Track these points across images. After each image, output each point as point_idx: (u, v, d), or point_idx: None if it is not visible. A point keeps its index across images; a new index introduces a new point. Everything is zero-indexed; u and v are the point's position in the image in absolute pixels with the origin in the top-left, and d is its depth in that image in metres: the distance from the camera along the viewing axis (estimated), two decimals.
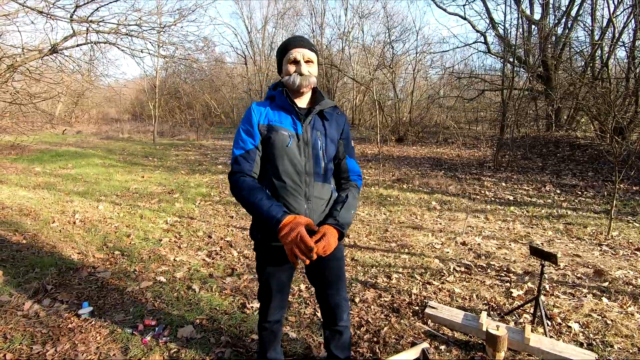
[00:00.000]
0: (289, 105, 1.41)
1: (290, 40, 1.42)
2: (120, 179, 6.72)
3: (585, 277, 2.93)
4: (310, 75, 1.39)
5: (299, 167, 1.38)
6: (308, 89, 1.41)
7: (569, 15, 11.08)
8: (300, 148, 1.38)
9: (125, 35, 5.22)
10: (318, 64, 1.47)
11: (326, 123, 1.45)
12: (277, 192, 1.37)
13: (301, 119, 1.41)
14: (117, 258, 3.16)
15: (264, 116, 1.41)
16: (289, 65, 1.39)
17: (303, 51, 1.38)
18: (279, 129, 1.38)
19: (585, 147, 8.54)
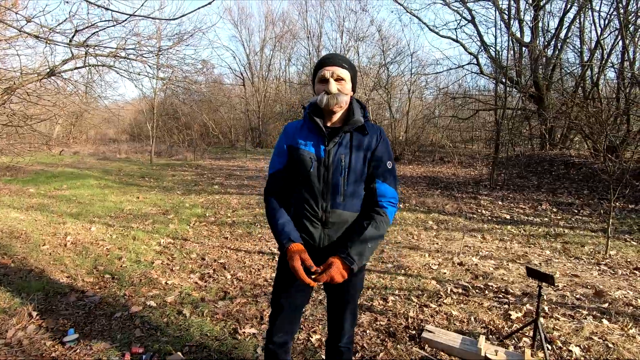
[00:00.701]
0: (315, 126, 1.38)
1: (322, 58, 1.39)
2: (114, 200, 6.67)
3: (584, 297, 2.88)
4: (340, 93, 1.34)
5: (316, 192, 1.36)
6: (338, 107, 1.35)
7: (558, 37, 11.42)
8: (320, 172, 1.35)
9: (123, 58, 5.30)
10: (354, 81, 1.41)
11: (354, 144, 1.37)
12: (298, 214, 1.39)
13: (325, 141, 1.36)
14: (107, 282, 3.08)
15: (293, 137, 1.41)
16: (318, 84, 1.38)
17: (333, 69, 1.34)
18: (303, 151, 1.37)
19: (580, 165, 8.60)
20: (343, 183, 1.36)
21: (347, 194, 1.37)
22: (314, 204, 1.37)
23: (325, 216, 1.37)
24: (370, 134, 1.41)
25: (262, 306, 2.71)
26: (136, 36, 5.37)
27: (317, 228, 1.37)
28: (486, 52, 12.43)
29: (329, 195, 1.36)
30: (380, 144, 1.41)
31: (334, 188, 1.36)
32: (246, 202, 6.75)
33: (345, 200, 1.37)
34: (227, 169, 12.13)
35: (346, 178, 1.36)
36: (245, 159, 15.15)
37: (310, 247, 1.39)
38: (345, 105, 1.38)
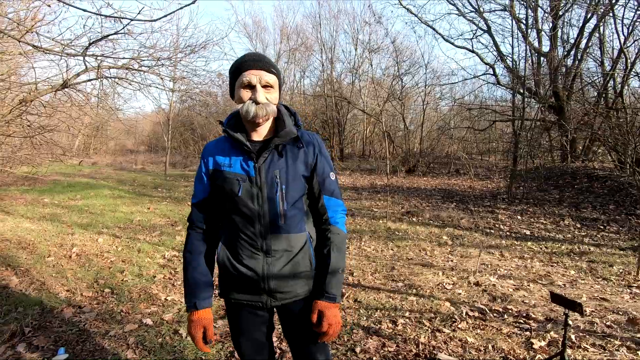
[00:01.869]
0: (238, 143, 1.17)
1: (244, 59, 1.16)
2: (125, 211, 6.69)
3: (616, 325, 2.61)
4: (269, 103, 1.14)
5: (252, 217, 1.16)
6: (265, 119, 1.15)
7: (578, 47, 11.09)
8: (252, 194, 1.15)
9: (135, 70, 5.35)
10: (281, 87, 1.23)
11: (289, 158, 1.18)
12: (233, 246, 1.19)
13: (253, 157, 1.16)
14: (106, 296, 3.00)
15: (213, 159, 1.21)
16: (242, 91, 1.15)
17: (260, 74, 1.13)
18: (227, 173, 1.17)
19: (605, 178, 8.19)
20: (282, 202, 1.16)
21: (289, 215, 1.17)
22: (249, 232, 1.17)
23: (266, 244, 1.17)
24: (307, 145, 1.22)
25: None
26: (151, 48, 5.43)
27: (259, 259, 1.17)
28: (503, 62, 12.19)
29: (267, 218, 1.16)
30: (319, 156, 1.23)
31: (271, 209, 1.16)
32: None
33: (287, 221, 1.17)
34: None
35: (284, 196, 1.16)
36: None
37: (254, 282, 1.18)
38: (273, 115, 1.18)
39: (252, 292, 1.19)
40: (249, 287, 1.19)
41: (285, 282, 1.19)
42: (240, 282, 1.19)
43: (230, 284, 1.22)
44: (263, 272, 1.17)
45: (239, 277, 1.18)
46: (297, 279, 1.20)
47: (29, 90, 5.30)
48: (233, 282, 1.21)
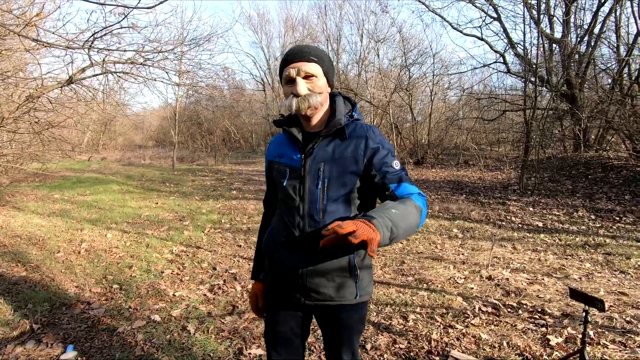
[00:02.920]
0: (291, 135, 1.18)
1: (285, 54, 1.15)
2: (134, 206, 6.71)
3: (636, 321, 2.52)
4: (311, 93, 1.10)
5: (293, 209, 1.15)
6: (312, 110, 1.12)
7: (592, 33, 10.74)
8: (295, 185, 1.14)
9: (140, 64, 5.31)
10: (330, 75, 1.16)
11: (335, 151, 1.13)
12: (275, 236, 1.23)
13: (301, 149, 1.16)
14: (115, 292, 2.99)
15: (271, 152, 1.27)
16: (285, 87, 1.15)
17: (298, 65, 1.10)
18: (277, 164, 1.21)
19: (620, 168, 7.97)
20: (322, 196, 1.11)
21: (328, 210, 1.11)
22: (290, 223, 1.16)
23: (302, 237, 1.14)
24: (354, 138, 1.14)
25: None
26: (152, 42, 5.37)
27: (295, 252, 1.15)
28: (513, 50, 11.88)
29: (306, 211, 1.13)
30: (372, 148, 1.13)
31: (311, 202, 1.13)
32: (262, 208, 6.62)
33: (326, 217, 1.11)
34: (246, 174, 12.13)
35: (325, 190, 1.11)
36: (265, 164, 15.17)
37: (289, 275, 1.17)
38: (322, 105, 1.15)
39: (288, 286, 1.19)
40: (285, 281, 1.19)
41: (319, 282, 1.14)
42: (278, 274, 1.21)
43: (270, 273, 1.25)
44: (298, 267, 1.15)
45: (276, 269, 1.21)
46: (331, 281, 1.14)
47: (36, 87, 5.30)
48: (272, 272, 1.24)
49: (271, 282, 1.24)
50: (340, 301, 1.15)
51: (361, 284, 1.16)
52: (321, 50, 1.17)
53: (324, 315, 1.21)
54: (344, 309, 1.17)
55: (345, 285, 1.14)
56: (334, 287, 1.14)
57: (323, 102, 1.15)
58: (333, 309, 1.17)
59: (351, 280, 1.14)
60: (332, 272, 1.13)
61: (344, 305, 1.16)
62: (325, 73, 1.15)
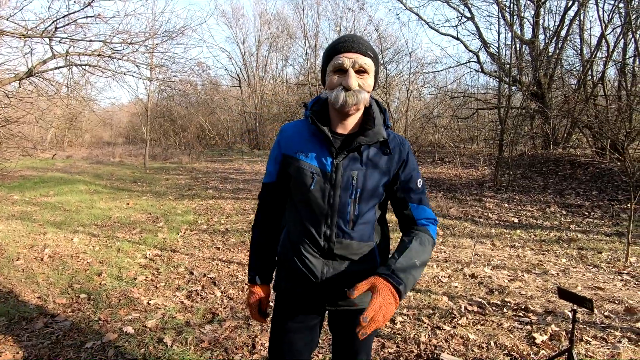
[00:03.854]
0: (320, 132, 1.06)
1: (339, 41, 1.04)
2: (103, 207, 6.35)
3: (614, 315, 2.59)
4: (362, 90, 1.02)
5: (318, 216, 1.07)
6: (356, 109, 1.03)
7: (559, 35, 11.19)
8: (324, 192, 1.05)
9: (108, 57, 4.99)
10: (377, 75, 1.09)
11: (371, 162, 1.07)
12: (295, 241, 1.12)
13: (333, 152, 1.05)
14: (82, 303, 2.77)
15: (291, 143, 1.12)
16: (332, 76, 1.03)
17: (354, 57, 1.00)
18: (302, 163, 1.08)
19: (587, 165, 8.34)
20: (353, 207, 1.06)
21: (357, 221, 1.07)
22: (314, 231, 1.07)
23: (328, 246, 1.08)
24: (393, 151, 1.09)
25: (254, 331, 2.40)
26: (121, 34, 5.06)
27: (319, 260, 1.09)
28: (486, 50, 12.19)
29: (334, 220, 1.06)
30: (407, 162, 1.11)
31: (341, 212, 1.06)
32: (241, 208, 6.44)
33: (355, 228, 1.07)
34: (223, 172, 11.82)
35: (357, 201, 1.06)
36: (242, 162, 14.85)
37: (309, 282, 1.11)
38: (365, 104, 1.06)
39: (307, 292, 1.12)
40: (304, 287, 1.12)
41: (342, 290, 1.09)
42: (297, 279, 1.12)
43: (286, 278, 1.16)
44: (321, 275, 1.09)
45: (296, 274, 1.12)
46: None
47: None
48: (289, 277, 1.15)
49: (287, 287, 1.16)
50: (363, 305, 1.12)
51: None
52: (374, 48, 1.08)
53: (342, 320, 1.17)
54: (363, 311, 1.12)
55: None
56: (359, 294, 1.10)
57: (367, 102, 1.06)
58: (353, 313, 1.15)
59: None
60: (356, 277, 1.07)
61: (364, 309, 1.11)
62: (376, 73, 1.08)
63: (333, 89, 1.03)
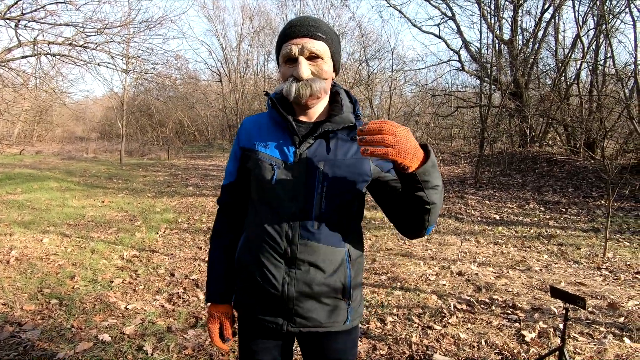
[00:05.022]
0: (282, 119, 0.96)
1: (286, 27, 0.93)
2: (76, 205, 6.04)
3: (597, 311, 2.64)
4: (316, 78, 0.91)
5: (281, 214, 0.93)
6: (313, 99, 0.93)
7: (536, 37, 11.49)
8: (287, 185, 0.93)
9: (80, 47, 4.71)
10: (337, 57, 0.96)
11: (339, 150, 0.94)
12: (253, 246, 0.97)
13: (296, 141, 0.94)
14: (53, 309, 2.58)
15: (247, 136, 1.00)
16: (283, 67, 0.94)
17: (302, 42, 0.89)
18: (260, 155, 0.95)
19: (563, 162, 8.61)
20: (319, 201, 0.92)
21: (325, 219, 0.93)
22: (275, 232, 0.94)
23: (291, 249, 0.93)
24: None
25: None
26: (95, 22, 4.78)
27: (280, 268, 0.94)
28: (467, 49, 12.37)
29: (298, 218, 0.93)
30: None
31: (304, 208, 0.93)
32: None
33: (321, 228, 0.93)
34: (203, 169, 11.53)
35: (324, 195, 0.92)
36: (223, 158, 14.55)
37: (268, 296, 0.96)
38: (325, 93, 0.96)
39: (268, 309, 0.97)
40: (265, 302, 0.97)
41: (308, 305, 0.95)
42: (256, 294, 0.98)
43: (245, 293, 1.01)
44: (283, 285, 0.94)
45: (254, 287, 0.98)
46: (322, 304, 0.96)
47: None
48: (248, 292, 1.00)
49: (245, 305, 1.01)
50: (331, 327, 0.98)
51: (353, 305, 1.00)
52: (329, 26, 0.96)
53: (310, 344, 1.02)
54: (333, 335, 0.99)
55: (337, 308, 0.98)
56: (325, 311, 0.96)
57: (327, 90, 0.95)
58: (321, 336, 0.99)
59: (344, 302, 0.98)
60: (324, 293, 0.95)
61: (334, 332, 0.99)
62: (333, 55, 0.95)
63: (285, 80, 0.94)
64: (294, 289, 0.94)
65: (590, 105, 9.41)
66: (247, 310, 1.01)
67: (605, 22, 8.26)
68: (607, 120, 8.78)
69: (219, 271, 1.05)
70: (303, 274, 0.94)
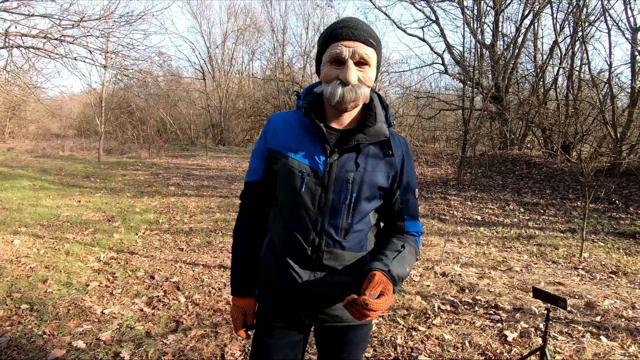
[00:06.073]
0: (314, 125, 0.94)
1: (337, 26, 0.90)
2: (50, 205, 5.79)
3: (576, 310, 2.70)
4: (361, 84, 0.90)
5: (307, 221, 0.94)
6: (354, 105, 0.92)
7: (516, 42, 11.81)
8: (315, 195, 0.93)
9: (55, 40, 4.52)
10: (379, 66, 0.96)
11: (369, 163, 0.95)
12: (279, 250, 0.99)
13: (327, 150, 0.93)
14: (23, 315, 2.45)
15: (276, 137, 0.99)
16: (328, 67, 0.91)
17: (354, 46, 0.87)
18: (290, 161, 0.94)
19: (541, 165, 8.86)
20: (347, 213, 0.94)
21: (351, 229, 0.95)
22: (301, 239, 0.95)
23: (317, 256, 0.95)
24: (395, 154, 0.98)
25: (223, 339, 2.24)
26: (72, 15, 4.60)
27: (305, 272, 0.97)
28: (450, 52, 12.59)
29: (325, 227, 0.94)
30: (405, 167, 1.00)
31: (332, 218, 0.94)
32: (206, 206, 6.15)
33: (348, 237, 0.95)
34: (186, 168, 11.30)
35: (352, 206, 0.94)
36: (206, 157, 14.31)
37: (292, 296, 0.99)
38: (364, 101, 0.94)
39: (291, 307, 1.00)
40: (288, 301, 1.00)
41: (330, 304, 0.98)
42: (280, 292, 1.00)
43: (267, 292, 1.04)
44: (307, 288, 0.96)
45: (279, 286, 1.00)
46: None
47: None
48: (271, 292, 1.03)
49: (268, 302, 1.04)
50: (350, 321, 1.02)
51: None
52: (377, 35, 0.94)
53: (328, 336, 1.06)
54: (351, 327, 1.03)
55: None
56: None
57: (368, 97, 0.94)
58: (340, 329, 1.04)
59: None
60: (346, 291, 0.96)
61: (353, 325, 1.03)
62: (378, 64, 0.95)
63: (329, 82, 0.90)
64: (318, 291, 0.96)
65: (567, 109, 9.75)
66: (270, 307, 1.03)
67: (582, 29, 8.56)
68: (583, 125, 9.12)
69: (245, 265, 1.06)
70: (326, 277, 0.97)
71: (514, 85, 12.41)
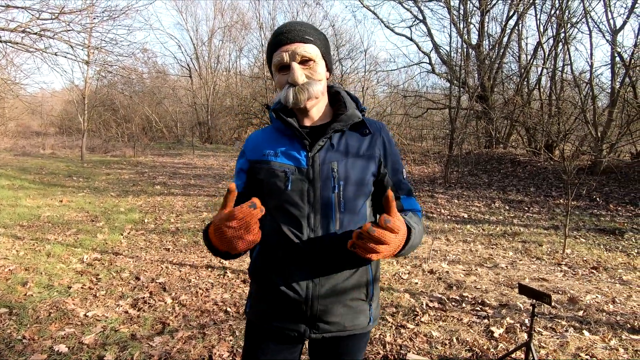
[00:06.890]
0: (287, 127, 0.95)
1: (275, 34, 0.93)
2: (30, 205, 5.62)
3: (559, 305, 2.76)
4: (311, 81, 0.91)
5: (300, 219, 0.92)
6: (312, 102, 0.94)
7: (501, 43, 12.01)
8: (303, 190, 0.92)
9: (35, 34, 4.37)
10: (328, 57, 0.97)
11: (351, 148, 0.95)
12: (273, 256, 0.95)
13: (307, 145, 0.94)
14: (2, 319, 2.37)
15: (255, 149, 0.99)
16: (278, 75, 0.94)
17: (292, 48, 0.90)
18: (272, 164, 0.95)
19: (525, 163, 9.03)
20: (337, 202, 0.93)
21: (345, 219, 0.93)
22: (295, 237, 0.92)
23: (313, 253, 0.92)
24: (374, 133, 0.99)
25: (210, 340, 2.21)
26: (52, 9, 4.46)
27: (302, 272, 0.93)
28: (437, 52, 12.72)
29: (318, 222, 0.92)
30: (388, 148, 1.00)
31: (324, 210, 0.92)
32: (192, 205, 6.06)
33: (343, 227, 0.93)
34: (172, 167, 11.12)
35: (341, 194, 0.93)
36: (193, 156, 14.11)
37: (290, 303, 0.94)
38: (322, 95, 0.96)
39: (289, 317, 0.96)
40: (286, 311, 0.95)
41: (331, 308, 0.94)
42: (276, 301, 0.96)
43: (262, 301, 0.99)
44: (306, 290, 0.92)
45: (274, 293, 0.95)
46: (347, 307, 0.96)
47: None
48: (266, 299, 0.98)
49: (261, 316, 0.99)
50: (353, 331, 0.98)
51: (374, 305, 1.01)
52: (315, 28, 0.96)
53: (327, 348, 1.01)
54: (351, 338, 0.99)
55: (359, 311, 0.98)
56: (349, 314, 0.97)
57: (323, 91, 0.95)
58: (341, 340, 0.99)
59: (366, 304, 0.99)
60: (347, 294, 0.95)
61: (351, 335, 0.99)
62: (324, 55, 0.96)
63: (282, 88, 0.94)
64: (318, 292, 0.93)
65: (550, 109, 9.98)
66: (262, 318, 0.99)
67: (564, 31, 8.75)
68: (565, 124, 9.35)
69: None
70: (326, 279, 0.93)
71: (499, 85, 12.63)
